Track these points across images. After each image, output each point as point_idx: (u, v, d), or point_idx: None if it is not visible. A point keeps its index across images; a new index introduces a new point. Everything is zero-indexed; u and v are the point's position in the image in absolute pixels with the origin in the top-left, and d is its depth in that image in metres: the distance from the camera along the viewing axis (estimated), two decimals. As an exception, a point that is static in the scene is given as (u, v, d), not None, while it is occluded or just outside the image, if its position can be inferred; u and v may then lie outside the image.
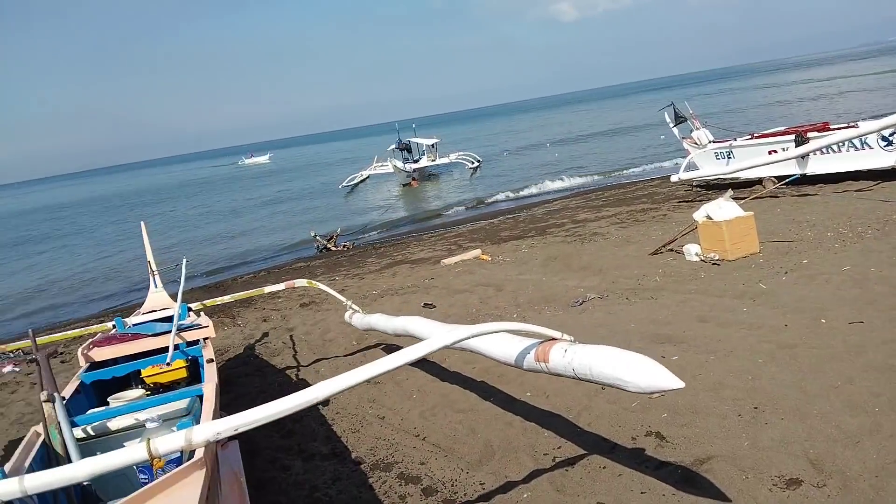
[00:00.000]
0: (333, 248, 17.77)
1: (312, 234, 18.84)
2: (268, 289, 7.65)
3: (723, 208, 9.10)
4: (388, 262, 13.89)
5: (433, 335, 5.56)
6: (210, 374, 4.46)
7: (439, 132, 48.29)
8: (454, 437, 5.18)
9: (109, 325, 6.42)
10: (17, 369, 9.33)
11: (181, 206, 46.89)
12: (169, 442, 2.83)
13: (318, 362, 7.57)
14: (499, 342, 3.97)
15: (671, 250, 9.87)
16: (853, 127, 12.88)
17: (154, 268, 7.99)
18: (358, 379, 3.16)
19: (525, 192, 25.80)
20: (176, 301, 6.89)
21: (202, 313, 6.52)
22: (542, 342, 3.65)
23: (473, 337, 3.71)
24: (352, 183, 39.32)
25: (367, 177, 39.68)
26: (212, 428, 2.88)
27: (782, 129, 15.39)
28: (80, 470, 2.72)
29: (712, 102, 58.91)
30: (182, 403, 4.05)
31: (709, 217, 9.09)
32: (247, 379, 7.33)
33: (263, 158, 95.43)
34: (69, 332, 7.13)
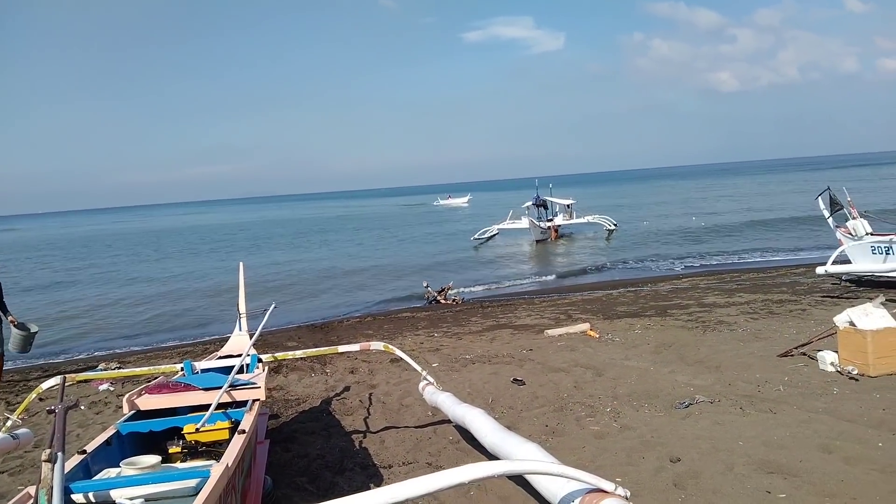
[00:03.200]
0: (443, 301, 17.49)
1: (425, 286, 18.69)
2: (342, 348, 7.35)
3: (870, 315, 7.88)
4: (491, 323, 13.35)
5: (488, 441, 5.11)
6: (232, 450, 4.10)
7: (579, 192, 47.74)
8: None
9: (178, 367, 6.32)
10: (111, 388, 9.59)
11: (325, 238, 48.94)
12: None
13: (387, 430, 7.11)
14: (548, 477, 3.66)
15: (803, 354, 8.67)
16: None
17: (242, 310, 7.93)
18: (399, 496, 2.92)
19: (653, 264, 24.50)
20: (252, 348, 6.74)
21: (266, 368, 6.27)
22: (591, 490, 3.18)
23: (531, 473, 3.64)
24: (483, 236, 39.45)
25: (497, 232, 39.70)
26: None
27: (956, 226, 13.55)
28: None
29: (875, 188, 54.34)
30: (191, 482, 3.71)
31: (852, 323, 7.90)
32: (311, 438, 6.99)
33: (462, 200, 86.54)
34: (136, 369, 7.14)
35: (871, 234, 13.84)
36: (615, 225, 38.16)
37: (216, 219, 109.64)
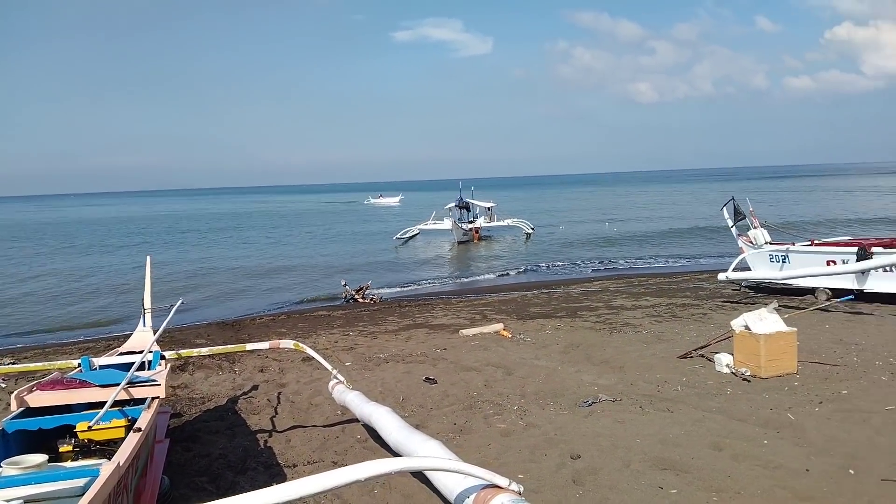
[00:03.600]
0: (360, 301, 17.38)
1: (343, 284, 18.52)
2: (250, 346, 7.21)
3: (764, 320, 8.33)
4: (407, 322, 13.37)
5: (392, 439, 5.16)
6: (124, 449, 3.95)
7: (501, 195, 48.37)
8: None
9: (75, 363, 6.06)
10: (3, 384, 9.08)
11: (245, 236, 47.73)
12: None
13: (294, 430, 7.02)
14: (446, 473, 3.75)
15: (702, 356, 9.08)
16: (924, 247, 11.97)
17: (148, 305, 7.67)
18: (297, 494, 2.97)
19: (566, 267, 25.11)
20: (155, 344, 6.53)
21: (168, 366, 6.09)
22: (486, 486, 3.31)
23: (427, 470, 3.89)
24: (405, 236, 39.44)
25: (418, 232, 39.80)
26: None
27: (846, 238, 14.48)
28: None
29: (778, 200, 57.46)
30: (79, 482, 3.56)
31: (747, 327, 8.32)
32: (214, 437, 6.83)
33: (393, 200, 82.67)
34: (30, 365, 6.80)
35: (770, 244, 14.60)
36: (532, 228, 38.91)
37: (128, 210, 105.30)
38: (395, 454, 5.20)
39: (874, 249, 12.35)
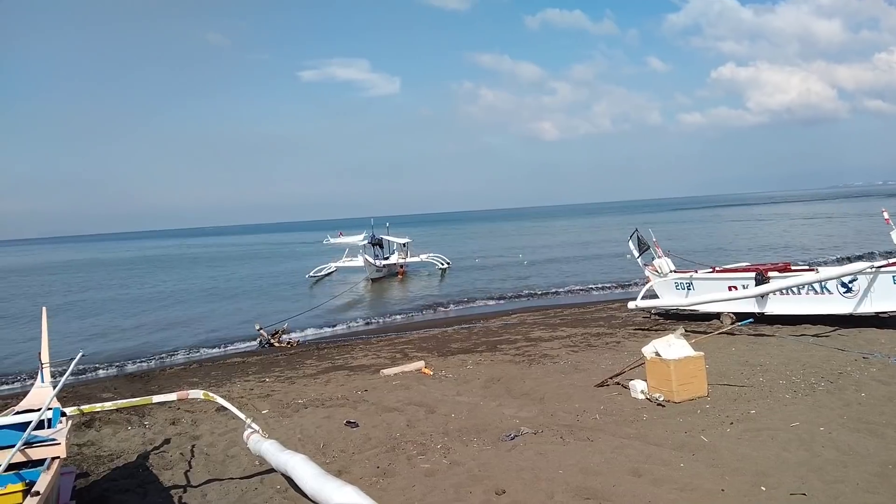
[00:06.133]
0: (276, 345, 16.95)
1: (257, 328, 18.02)
2: (157, 398, 6.86)
3: (672, 346, 8.63)
4: (326, 365, 13.11)
5: (308, 487, 5.03)
6: None
7: (414, 232, 48.49)
8: None
9: None
10: None
11: (150, 283, 45.77)
12: None
13: (210, 483, 6.71)
14: None
15: (618, 383, 9.31)
16: (813, 271, 12.74)
17: (45, 359, 7.21)
18: None
19: (484, 302, 25.38)
20: (55, 401, 6.13)
21: (70, 423, 5.72)
22: None
23: None
24: (319, 274, 38.94)
25: (335, 269, 39.41)
26: None
27: (744, 265, 15.26)
28: None
29: (677, 230, 60.17)
30: None
31: (657, 353, 8.60)
32: (124, 496, 6.45)
33: (357, 238, 69.97)
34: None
35: (675, 272, 15.22)
36: (448, 263, 39.17)
37: (15, 261, 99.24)
38: (314, 503, 5.06)
39: (771, 274, 13.08)
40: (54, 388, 6.53)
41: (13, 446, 4.64)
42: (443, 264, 38.81)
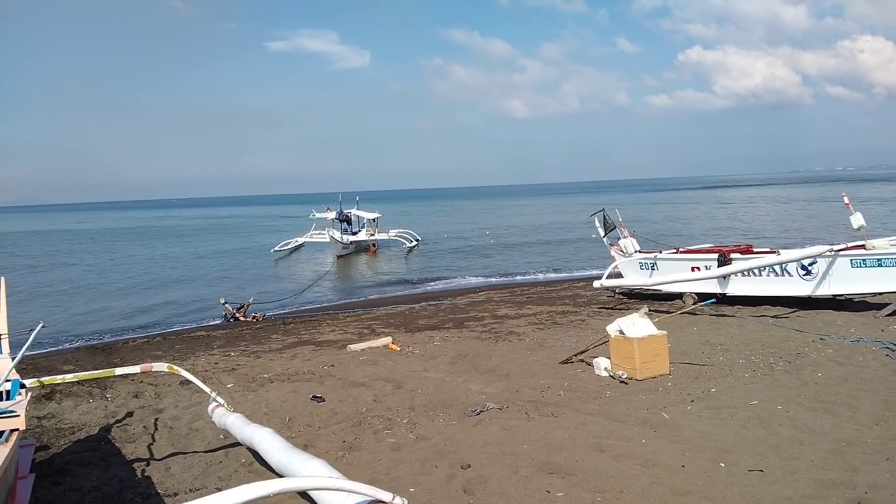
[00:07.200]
0: (242, 319, 16.81)
1: (222, 302, 17.83)
2: (119, 370, 6.78)
3: (636, 324, 8.75)
4: (292, 340, 13.06)
5: (274, 460, 5.02)
6: None
7: (384, 208, 48.22)
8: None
9: None
10: None
11: (114, 254, 44.93)
12: None
13: (174, 457, 6.67)
14: (333, 494, 3.67)
15: (582, 360, 9.44)
16: (775, 253, 13.00)
17: (3, 330, 7.04)
18: None
19: (452, 279, 25.46)
20: (14, 372, 6.01)
21: (29, 395, 5.62)
22: (370, 502, 3.31)
23: (310, 490, 3.72)
24: (286, 248, 38.59)
25: (302, 244, 39.08)
26: None
27: (707, 246, 15.50)
28: None
29: (642, 211, 60.91)
30: None
31: (621, 332, 8.72)
32: (86, 469, 6.37)
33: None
34: None
35: (639, 252, 15.41)
36: (418, 240, 39.10)
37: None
38: (280, 476, 5.05)
39: (733, 256, 13.32)
40: (13, 359, 6.40)
41: None
42: (411, 242, 38.68)
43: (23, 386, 5.84)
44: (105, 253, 45.47)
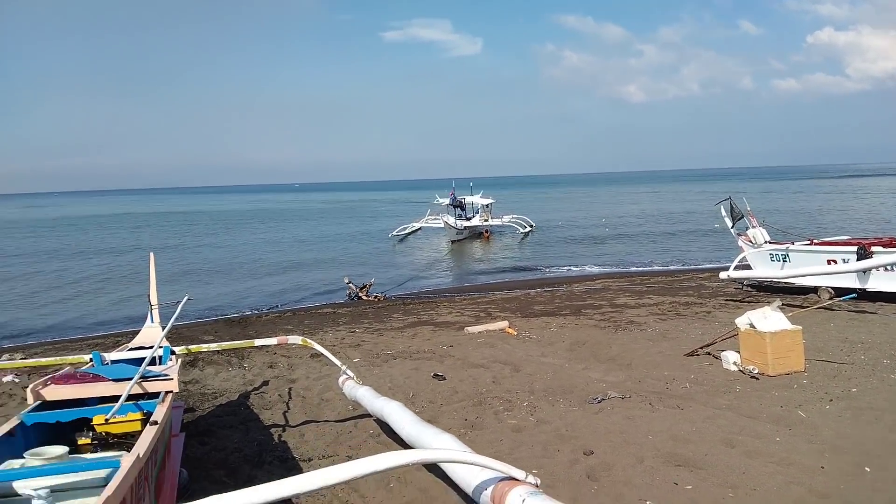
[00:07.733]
0: (365, 298, 17.41)
1: (346, 282, 18.54)
2: (258, 342, 7.22)
3: (768, 318, 8.37)
4: (412, 320, 13.40)
5: (405, 433, 5.18)
6: (143, 441, 3.96)
7: (495, 194, 48.25)
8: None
9: (87, 357, 6.05)
10: (16, 379, 9.09)
11: (246, 234, 47.67)
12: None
13: (307, 425, 7.04)
14: (463, 467, 3.77)
15: (708, 353, 9.13)
16: (923, 247, 12.02)
17: (154, 301, 7.66)
18: (315, 484, 3.05)
19: (568, 266, 25.16)
20: (165, 340, 6.53)
21: (179, 361, 6.09)
22: (503, 479, 3.30)
23: (444, 462, 3.87)
24: (403, 233, 39.42)
25: (419, 229, 39.78)
26: None
27: (845, 238, 14.53)
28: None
29: (772, 200, 57.61)
30: (101, 473, 3.57)
31: (752, 325, 8.36)
32: (229, 431, 6.85)
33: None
34: (42, 359, 6.79)
35: (770, 243, 14.65)
36: (532, 226, 38.90)
37: (125, 208, 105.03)
38: (409, 448, 5.22)
39: (874, 249, 12.41)
40: (163, 328, 6.96)
41: (131, 379, 4.97)
42: (525, 227, 38.54)
43: (173, 353, 6.34)
44: (245, 233, 48.23)
